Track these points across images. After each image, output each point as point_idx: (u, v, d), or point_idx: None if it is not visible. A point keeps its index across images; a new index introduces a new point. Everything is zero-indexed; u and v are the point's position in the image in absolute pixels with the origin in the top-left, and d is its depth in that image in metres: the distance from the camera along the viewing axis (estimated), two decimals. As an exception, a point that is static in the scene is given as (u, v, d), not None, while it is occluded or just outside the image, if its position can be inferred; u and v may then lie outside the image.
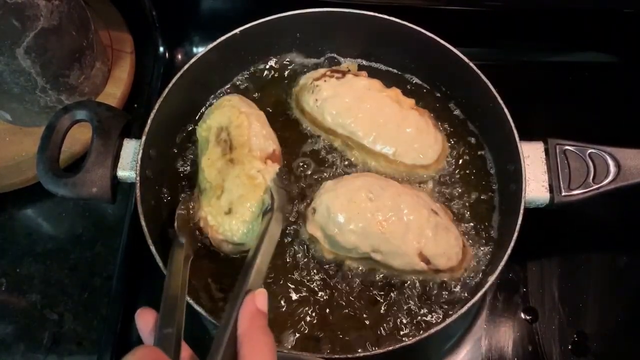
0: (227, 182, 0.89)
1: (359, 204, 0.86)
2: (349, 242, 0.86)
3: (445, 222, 0.89)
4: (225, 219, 0.87)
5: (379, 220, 0.85)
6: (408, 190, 0.91)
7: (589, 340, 0.96)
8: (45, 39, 0.97)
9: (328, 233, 0.87)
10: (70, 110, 0.90)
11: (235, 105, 0.96)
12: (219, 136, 0.93)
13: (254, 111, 0.97)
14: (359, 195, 0.86)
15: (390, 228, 0.85)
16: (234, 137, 0.92)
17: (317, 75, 1.01)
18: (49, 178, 0.86)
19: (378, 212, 0.85)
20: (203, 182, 0.92)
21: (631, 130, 1.12)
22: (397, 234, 0.85)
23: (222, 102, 0.98)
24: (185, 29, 1.24)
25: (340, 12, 1.02)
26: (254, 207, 0.87)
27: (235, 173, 0.89)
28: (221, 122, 0.95)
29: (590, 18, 1.17)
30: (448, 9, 1.14)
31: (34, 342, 0.96)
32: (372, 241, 0.85)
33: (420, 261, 0.85)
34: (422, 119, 0.98)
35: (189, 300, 0.80)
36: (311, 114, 1.00)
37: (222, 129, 0.94)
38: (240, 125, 0.93)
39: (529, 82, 1.20)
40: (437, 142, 0.97)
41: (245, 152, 0.91)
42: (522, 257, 1.00)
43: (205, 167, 0.92)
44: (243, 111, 0.95)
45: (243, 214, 0.87)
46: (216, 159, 0.92)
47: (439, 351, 0.96)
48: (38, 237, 1.06)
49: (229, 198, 0.88)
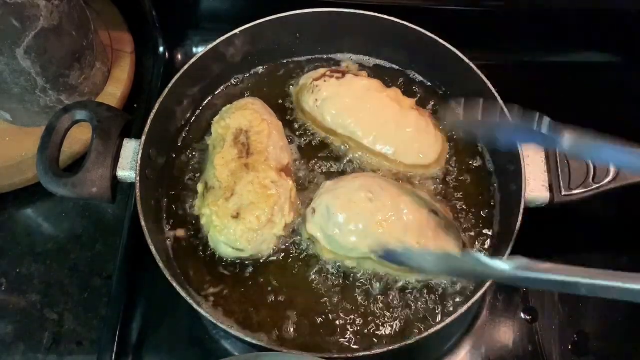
0: (238, 186, 0.89)
1: (359, 204, 0.86)
2: (349, 242, 0.85)
3: (445, 222, 0.89)
4: (231, 223, 0.87)
5: (379, 221, 0.85)
6: (408, 190, 0.91)
7: (589, 340, 0.96)
8: (45, 39, 0.97)
9: (328, 233, 0.87)
10: (70, 110, 0.90)
11: (258, 111, 0.96)
12: (238, 138, 0.93)
13: (274, 120, 0.98)
14: (359, 196, 0.86)
15: (389, 228, 0.85)
16: (253, 143, 0.92)
17: (317, 76, 1.01)
18: (49, 178, 0.86)
19: (378, 212, 0.85)
20: (212, 180, 0.92)
21: (631, 130, 1.12)
22: (397, 233, 0.85)
23: (245, 104, 0.98)
24: (185, 29, 1.24)
25: (340, 12, 1.02)
26: (262, 217, 0.87)
27: (249, 179, 0.89)
28: (242, 124, 0.94)
29: (590, 18, 1.17)
30: (448, 9, 1.14)
31: (34, 342, 0.96)
32: (371, 241, 0.85)
33: None
34: (422, 118, 0.98)
35: (189, 300, 0.80)
36: (311, 114, 1.00)
37: (241, 131, 0.94)
38: (260, 133, 0.93)
39: (529, 82, 1.20)
40: (438, 141, 0.97)
41: (262, 160, 0.91)
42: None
43: (218, 165, 0.91)
44: (265, 119, 0.95)
45: (251, 222, 0.87)
46: (231, 159, 0.92)
47: (439, 351, 0.96)
48: (38, 237, 1.06)
49: (239, 203, 0.88)
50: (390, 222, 0.85)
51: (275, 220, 0.88)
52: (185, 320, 0.97)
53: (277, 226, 0.89)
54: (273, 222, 0.88)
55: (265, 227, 0.87)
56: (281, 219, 0.89)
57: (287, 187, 0.91)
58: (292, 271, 0.90)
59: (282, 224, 0.89)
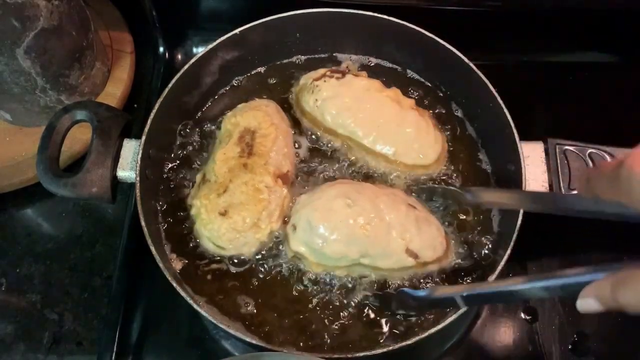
0: (232, 184, 0.89)
1: (339, 212, 0.85)
2: (336, 252, 0.85)
3: (424, 214, 0.89)
4: (217, 219, 0.87)
5: (362, 225, 0.84)
6: (383, 189, 0.91)
7: (589, 340, 0.96)
8: (45, 39, 0.97)
9: (313, 247, 0.86)
10: (70, 110, 0.90)
11: (269, 114, 0.96)
12: (243, 137, 0.93)
13: (284, 126, 0.97)
14: (337, 203, 0.85)
15: (374, 231, 0.85)
16: (256, 144, 0.92)
17: (317, 76, 1.01)
18: (49, 178, 0.86)
19: (359, 216, 0.85)
20: (210, 173, 0.92)
21: (631, 130, 1.12)
22: (382, 234, 0.85)
23: (258, 105, 0.98)
24: (185, 29, 1.24)
25: (340, 13, 1.02)
26: (248, 219, 0.87)
27: (244, 179, 0.89)
28: (250, 124, 0.94)
29: (590, 18, 1.17)
30: (448, 9, 1.14)
31: (34, 342, 0.96)
32: (358, 247, 0.85)
33: (408, 257, 0.85)
34: (422, 119, 0.98)
35: (189, 300, 0.80)
36: (311, 114, 1.00)
37: (248, 130, 0.94)
38: (267, 136, 0.93)
39: (529, 82, 1.20)
40: (438, 142, 0.97)
41: (261, 162, 0.90)
42: (522, 257, 1.00)
43: (219, 160, 0.92)
44: (274, 123, 0.95)
45: (236, 222, 0.87)
46: (231, 157, 0.92)
47: (439, 351, 0.96)
48: (38, 237, 1.06)
49: (229, 201, 0.88)
50: (373, 225, 0.85)
51: (260, 225, 0.88)
52: (185, 320, 0.97)
53: (261, 231, 0.88)
54: (258, 226, 0.88)
55: (249, 229, 0.87)
56: (267, 225, 0.88)
57: (281, 195, 0.90)
58: (285, 291, 0.89)
59: (267, 230, 0.88)
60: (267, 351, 0.77)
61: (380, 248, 0.85)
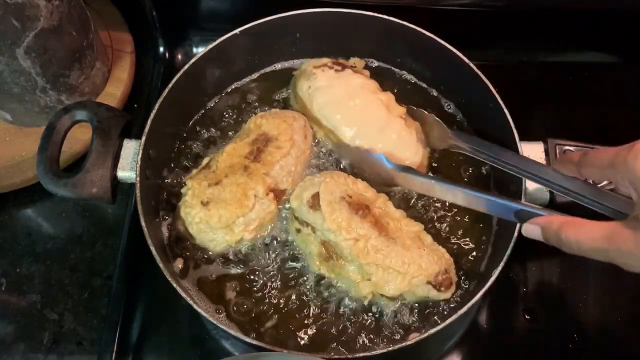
0: (226, 180, 0.89)
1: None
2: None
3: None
4: (197, 206, 0.87)
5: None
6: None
7: (589, 341, 0.96)
8: (45, 39, 0.97)
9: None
10: (70, 111, 0.90)
11: (294, 128, 0.95)
12: (258, 140, 0.93)
13: (302, 145, 0.95)
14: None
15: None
16: (266, 152, 0.91)
17: (317, 64, 1.02)
18: (49, 178, 0.86)
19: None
20: (214, 160, 0.93)
21: (631, 130, 1.12)
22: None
23: (288, 116, 0.97)
24: (185, 29, 1.24)
25: (340, 13, 1.02)
26: (223, 218, 0.86)
27: (239, 180, 0.89)
28: (271, 131, 0.94)
29: (590, 18, 1.17)
30: (448, 9, 1.14)
31: (34, 342, 0.96)
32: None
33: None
34: (407, 129, 0.96)
35: (189, 300, 0.80)
36: (302, 99, 1.00)
37: (265, 136, 0.93)
38: (280, 148, 0.92)
39: (529, 82, 1.20)
40: (417, 155, 0.95)
41: (262, 171, 0.90)
42: (522, 257, 1.00)
43: (226, 152, 0.92)
44: (293, 139, 0.93)
45: (211, 216, 0.86)
46: (238, 154, 0.92)
47: (439, 351, 0.96)
48: (38, 237, 1.06)
49: (216, 194, 0.88)
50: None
51: (234, 229, 0.87)
52: (185, 320, 0.97)
53: (233, 235, 0.88)
54: (231, 229, 0.87)
55: (221, 229, 0.87)
56: (241, 231, 0.88)
57: (267, 208, 0.89)
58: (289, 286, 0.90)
59: (239, 236, 0.88)
60: (267, 351, 0.77)
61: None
